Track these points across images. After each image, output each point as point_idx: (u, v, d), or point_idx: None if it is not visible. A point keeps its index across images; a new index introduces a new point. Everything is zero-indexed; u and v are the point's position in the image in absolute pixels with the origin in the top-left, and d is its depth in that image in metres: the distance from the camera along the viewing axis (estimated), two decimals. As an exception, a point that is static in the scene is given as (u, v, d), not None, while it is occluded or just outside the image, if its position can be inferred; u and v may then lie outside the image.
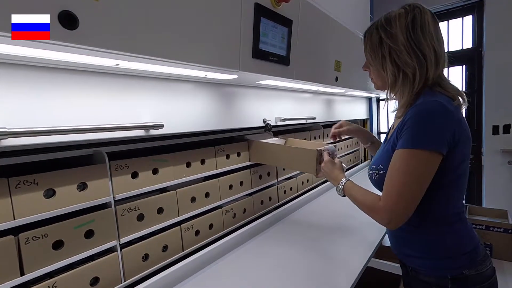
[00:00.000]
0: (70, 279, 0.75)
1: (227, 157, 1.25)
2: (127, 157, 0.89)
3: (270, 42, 1.03)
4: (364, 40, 0.90)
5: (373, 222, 0.83)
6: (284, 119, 1.53)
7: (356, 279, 0.95)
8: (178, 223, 1.04)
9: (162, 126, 0.90)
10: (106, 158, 0.83)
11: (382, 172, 0.83)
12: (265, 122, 1.43)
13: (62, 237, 0.73)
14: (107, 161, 0.83)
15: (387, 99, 0.90)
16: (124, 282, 0.87)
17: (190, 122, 1.04)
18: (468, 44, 2.79)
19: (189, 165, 1.08)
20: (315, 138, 1.91)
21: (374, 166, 0.88)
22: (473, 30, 2.74)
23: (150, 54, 0.67)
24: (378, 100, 2.98)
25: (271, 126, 1.47)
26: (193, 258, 1.03)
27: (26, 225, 0.68)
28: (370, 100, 2.96)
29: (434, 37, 0.80)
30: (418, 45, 0.78)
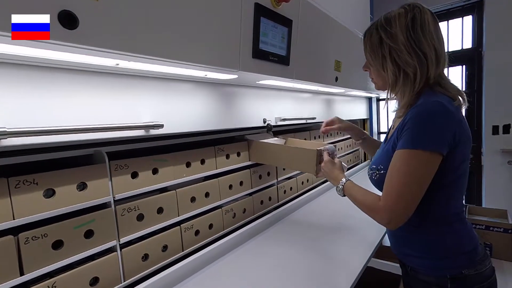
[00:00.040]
0: (70, 279, 0.75)
1: (227, 157, 1.25)
2: (127, 157, 0.89)
3: (270, 42, 1.03)
4: (364, 40, 0.90)
5: (373, 222, 0.83)
6: (284, 119, 1.53)
7: (356, 279, 0.95)
8: (178, 223, 1.04)
9: (162, 126, 0.90)
10: (106, 158, 0.83)
11: (382, 172, 0.83)
12: (265, 122, 1.43)
13: (61, 237, 0.73)
14: (107, 161, 0.83)
15: (388, 99, 0.90)
16: (124, 282, 0.87)
17: (190, 122, 1.04)
18: (468, 44, 2.79)
19: (189, 165, 1.08)
20: (315, 138, 1.91)
21: (374, 166, 0.88)
22: (473, 30, 2.75)
23: (150, 54, 0.67)
24: (378, 100, 2.98)
25: (272, 126, 1.47)
26: (193, 258, 1.03)
27: (25, 225, 0.68)
28: (370, 100, 2.96)
29: (434, 36, 0.79)
30: (419, 44, 0.78)
